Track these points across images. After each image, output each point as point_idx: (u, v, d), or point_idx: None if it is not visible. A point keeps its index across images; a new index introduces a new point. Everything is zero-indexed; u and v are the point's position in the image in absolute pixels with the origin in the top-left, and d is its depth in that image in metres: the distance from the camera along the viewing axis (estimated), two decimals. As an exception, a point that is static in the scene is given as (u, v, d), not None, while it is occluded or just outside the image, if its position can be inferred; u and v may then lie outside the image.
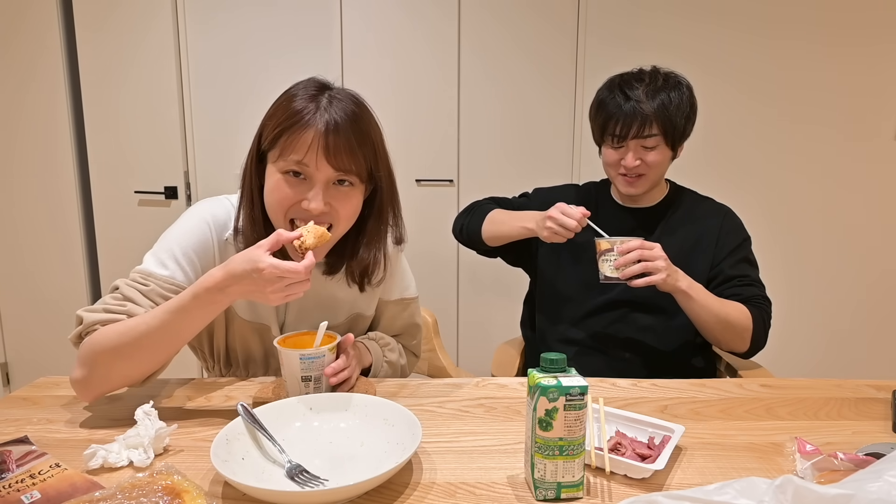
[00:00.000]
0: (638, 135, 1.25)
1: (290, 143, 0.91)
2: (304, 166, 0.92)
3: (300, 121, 0.91)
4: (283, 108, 0.93)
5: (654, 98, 1.24)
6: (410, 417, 0.81)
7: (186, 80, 2.40)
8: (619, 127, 1.26)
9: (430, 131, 2.45)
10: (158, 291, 0.96)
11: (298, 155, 0.91)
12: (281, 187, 0.94)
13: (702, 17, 2.35)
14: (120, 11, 2.35)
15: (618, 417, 0.87)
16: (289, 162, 0.92)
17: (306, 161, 0.91)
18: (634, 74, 1.30)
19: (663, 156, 1.29)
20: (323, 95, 0.94)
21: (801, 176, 2.43)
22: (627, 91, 1.26)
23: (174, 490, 0.67)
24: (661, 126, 1.25)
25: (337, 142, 0.91)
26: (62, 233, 2.51)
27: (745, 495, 0.57)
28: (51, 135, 2.44)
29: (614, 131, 1.27)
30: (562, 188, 1.50)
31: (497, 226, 1.40)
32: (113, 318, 0.91)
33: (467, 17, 2.38)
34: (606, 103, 1.29)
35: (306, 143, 0.90)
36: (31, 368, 2.61)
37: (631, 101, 1.25)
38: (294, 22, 2.37)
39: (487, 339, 2.50)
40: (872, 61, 2.36)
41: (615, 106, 1.27)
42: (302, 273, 0.82)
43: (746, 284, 1.29)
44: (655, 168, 1.29)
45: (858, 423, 0.92)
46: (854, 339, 2.55)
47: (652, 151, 1.27)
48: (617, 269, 1.19)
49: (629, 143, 1.27)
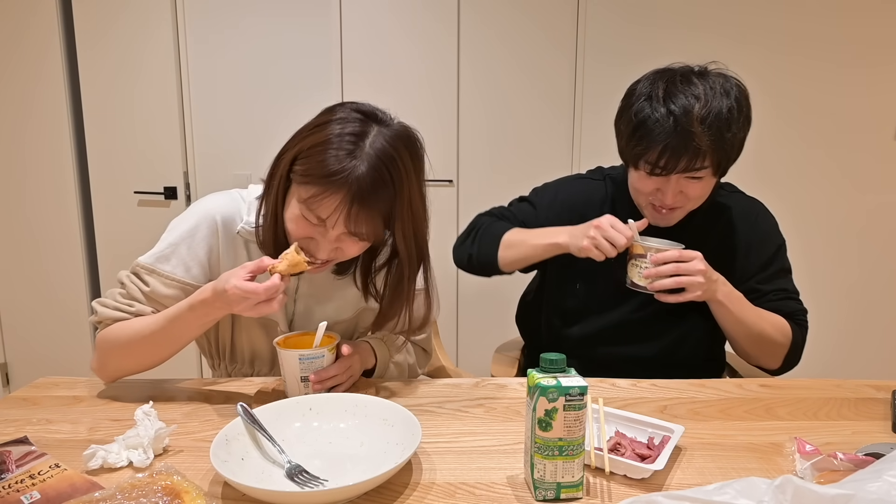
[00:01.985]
0: (687, 168, 1.04)
1: (316, 199, 0.90)
2: (323, 223, 0.92)
3: (332, 184, 0.88)
4: (320, 152, 0.90)
5: (712, 124, 1.01)
6: (410, 418, 0.81)
7: (186, 81, 2.40)
8: (665, 160, 1.03)
9: (429, 132, 2.43)
10: (160, 291, 1.00)
11: (322, 213, 0.91)
12: (299, 223, 0.94)
13: (699, 25, 2.35)
14: (120, 12, 2.35)
15: (617, 418, 0.87)
16: (311, 213, 0.92)
17: (328, 222, 0.91)
18: (682, 77, 1.05)
19: (708, 187, 1.09)
20: (364, 141, 0.90)
21: (800, 176, 2.43)
22: (681, 102, 1.02)
23: (174, 490, 0.67)
24: (715, 160, 1.04)
25: (359, 213, 0.90)
26: (62, 233, 2.51)
27: (744, 495, 0.57)
28: (51, 135, 2.44)
29: (657, 162, 1.04)
30: (569, 183, 1.33)
31: (517, 250, 1.22)
32: (123, 317, 1.00)
33: (467, 17, 2.38)
34: (647, 123, 1.04)
35: (331, 206, 0.89)
36: (31, 368, 2.61)
37: (680, 127, 1.01)
38: (294, 22, 2.37)
39: (487, 339, 2.49)
40: (873, 61, 2.36)
41: (661, 132, 1.02)
42: (261, 294, 0.86)
43: (783, 299, 1.18)
44: (697, 201, 1.11)
45: (858, 423, 0.92)
46: (854, 339, 2.55)
47: (697, 183, 1.07)
48: (646, 279, 1.08)
49: (672, 177, 1.06)
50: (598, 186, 1.29)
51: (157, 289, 1.00)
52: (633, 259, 1.09)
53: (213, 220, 1.04)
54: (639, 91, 1.09)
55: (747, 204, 1.27)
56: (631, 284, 1.11)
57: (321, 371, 0.95)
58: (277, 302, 0.89)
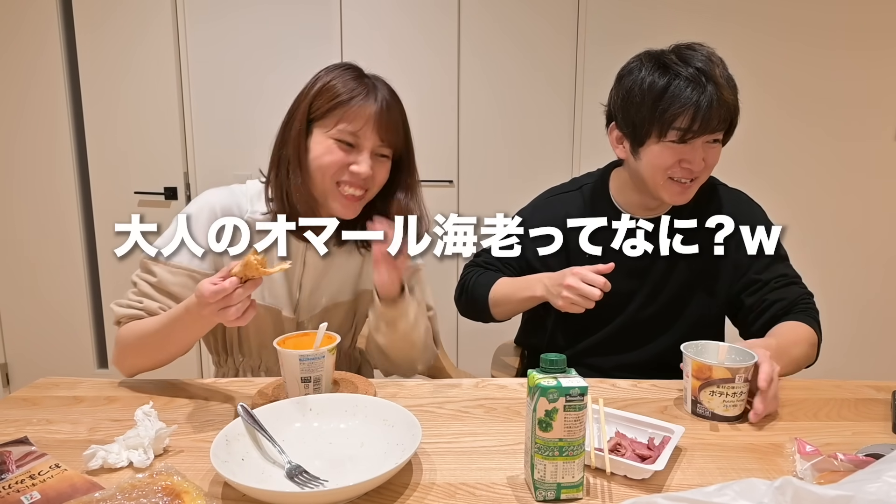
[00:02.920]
0: (715, 129, 1.04)
1: (348, 116, 1.03)
2: (357, 137, 1.04)
3: (358, 96, 1.04)
4: (337, 83, 1.06)
5: (729, 81, 1.04)
6: (410, 418, 0.81)
7: (186, 81, 2.40)
8: (696, 121, 1.02)
9: (430, 132, 2.45)
10: (168, 279, 1.06)
11: (355, 126, 1.03)
12: (334, 151, 1.04)
13: (705, 14, 2.35)
14: (120, 11, 2.35)
15: (617, 418, 0.87)
16: (343, 132, 1.04)
17: (361, 133, 1.04)
18: (683, 48, 1.08)
19: (719, 154, 1.10)
20: (365, 78, 1.09)
21: (799, 176, 2.43)
22: (702, 66, 1.03)
23: (174, 491, 0.67)
24: (730, 119, 1.06)
25: (389, 119, 1.05)
26: (62, 233, 2.51)
27: (744, 496, 0.57)
28: (51, 135, 2.44)
29: (690, 125, 1.03)
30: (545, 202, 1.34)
31: (505, 307, 1.26)
32: (135, 315, 1.04)
33: (467, 17, 2.38)
34: (674, 86, 1.03)
35: (363, 117, 1.03)
36: (31, 369, 2.61)
37: (711, 83, 1.02)
38: (294, 23, 2.37)
39: (487, 339, 2.49)
40: (873, 61, 2.36)
41: (689, 94, 1.02)
42: (206, 296, 0.85)
43: (785, 285, 1.18)
44: (708, 171, 1.11)
45: (858, 423, 0.92)
46: (854, 339, 2.54)
47: (715, 149, 1.09)
48: (736, 406, 0.91)
49: (697, 140, 1.06)
50: (574, 197, 1.30)
51: (164, 278, 1.05)
52: (710, 384, 0.90)
53: (211, 209, 1.09)
54: (642, 67, 1.09)
55: (729, 195, 1.27)
56: (709, 415, 0.92)
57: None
58: (235, 309, 0.86)
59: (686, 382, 0.95)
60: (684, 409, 0.96)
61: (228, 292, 0.85)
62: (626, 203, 1.25)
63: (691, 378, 0.93)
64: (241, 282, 0.86)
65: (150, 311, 1.05)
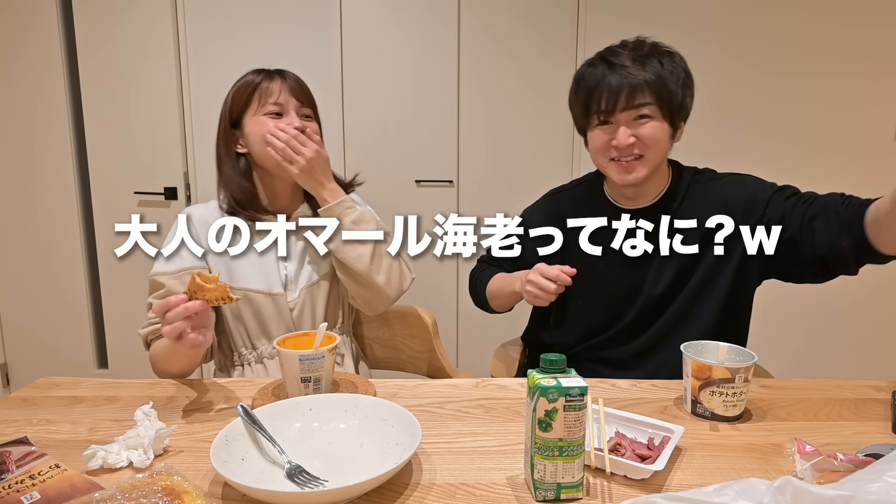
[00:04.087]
0: (629, 105, 1.10)
1: (265, 93, 1.21)
2: (280, 105, 1.20)
3: (266, 78, 1.22)
4: (244, 82, 1.23)
5: (643, 63, 1.10)
6: (410, 418, 0.81)
7: (186, 81, 2.40)
8: (605, 100, 1.11)
9: (429, 132, 2.45)
10: (175, 288, 1.13)
11: (275, 97, 1.21)
12: (263, 125, 1.19)
13: (700, 29, 2.35)
14: (120, 13, 2.35)
15: (617, 418, 0.87)
16: (266, 105, 1.20)
17: (282, 100, 1.21)
18: (615, 45, 1.16)
19: (661, 131, 1.12)
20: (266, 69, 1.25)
21: (800, 177, 2.43)
22: (611, 58, 1.12)
23: (174, 491, 0.67)
24: (656, 93, 1.09)
25: (299, 86, 1.24)
26: (62, 233, 2.51)
27: (744, 496, 0.57)
28: (51, 135, 2.45)
29: (600, 107, 1.12)
30: (546, 200, 1.39)
31: (500, 300, 1.36)
32: (157, 329, 1.10)
33: (467, 17, 2.38)
34: (586, 77, 1.14)
35: (277, 88, 1.21)
36: (31, 369, 2.61)
37: (616, 67, 1.10)
38: (295, 23, 2.37)
39: (487, 339, 2.49)
40: (873, 60, 2.36)
41: (597, 78, 1.11)
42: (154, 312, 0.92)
43: (812, 200, 1.14)
44: (654, 146, 1.12)
45: (858, 423, 0.92)
46: (854, 339, 2.55)
47: (647, 124, 1.11)
48: (736, 406, 0.92)
49: (618, 116, 1.11)
50: (572, 194, 1.37)
51: (174, 287, 1.12)
52: (710, 384, 0.91)
53: (187, 215, 1.22)
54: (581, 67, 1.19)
55: (723, 177, 1.24)
56: (708, 415, 0.92)
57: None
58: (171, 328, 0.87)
59: (686, 382, 0.95)
60: (684, 409, 0.96)
61: (171, 307, 0.87)
62: (615, 195, 1.28)
63: (691, 378, 0.93)
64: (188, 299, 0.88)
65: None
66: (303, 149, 1.16)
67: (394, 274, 1.21)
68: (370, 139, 2.44)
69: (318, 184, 1.19)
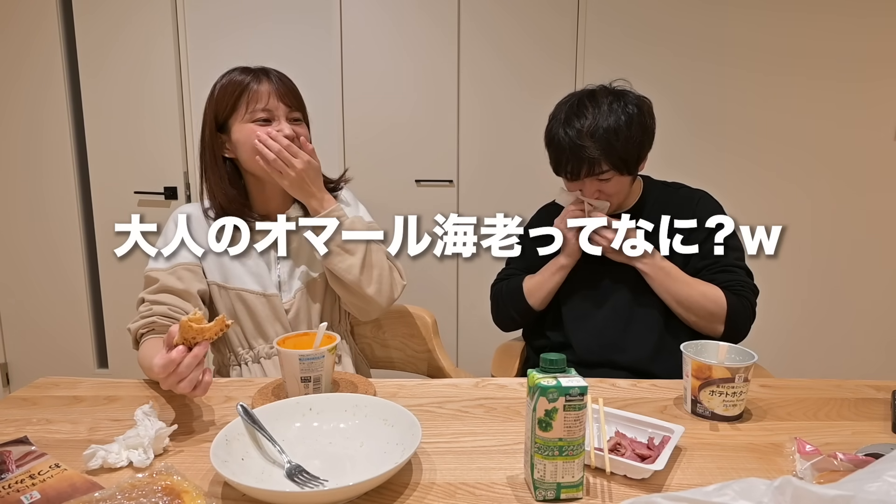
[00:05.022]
0: (590, 174, 1.24)
1: (253, 97, 1.17)
2: (269, 111, 1.17)
3: (253, 81, 1.18)
4: (229, 83, 1.20)
5: (600, 138, 1.20)
6: (410, 418, 0.81)
7: (186, 81, 2.40)
8: (570, 170, 1.25)
9: (429, 131, 2.45)
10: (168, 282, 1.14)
11: (263, 102, 1.17)
12: (251, 133, 1.16)
13: (705, 24, 2.35)
14: (121, 13, 2.35)
15: (617, 418, 0.87)
16: (255, 112, 1.17)
17: (270, 105, 1.18)
18: (579, 102, 1.26)
19: (622, 182, 1.27)
20: (252, 68, 1.23)
21: (799, 177, 2.43)
22: (575, 125, 1.23)
23: (174, 490, 0.67)
24: (611, 164, 1.22)
25: (287, 89, 1.20)
26: (62, 233, 2.51)
27: (744, 496, 0.57)
28: (51, 135, 2.44)
29: (566, 170, 1.26)
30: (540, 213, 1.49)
31: (540, 291, 1.36)
32: (146, 323, 1.11)
33: (467, 17, 2.38)
34: (555, 139, 1.26)
35: (265, 92, 1.18)
36: (31, 368, 2.61)
37: (576, 142, 1.22)
38: (294, 24, 2.37)
39: (487, 339, 2.49)
40: (873, 59, 2.36)
41: (562, 147, 1.24)
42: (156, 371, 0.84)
43: (719, 271, 1.25)
44: (617, 195, 1.29)
45: (858, 423, 0.92)
46: (854, 339, 2.55)
47: (608, 183, 1.25)
48: (736, 406, 0.92)
49: (584, 180, 1.25)
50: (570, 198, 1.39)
51: (168, 282, 1.14)
52: (710, 384, 0.91)
53: (177, 215, 1.22)
54: (553, 115, 1.31)
55: (690, 193, 1.36)
56: (709, 415, 0.92)
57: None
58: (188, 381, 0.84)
59: (686, 382, 0.95)
60: (684, 408, 0.96)
61: (177, 362, 0.83)
62: None
63: (691, 378, 0.93)
64: (187, 349, 0.84)
65: (159, 314, 1.11)
66: (294, 160, 1.14)
67: (384, 283, 1.21)
68: (370, 139, 2.43)
69: (309, 195, 1.18)
